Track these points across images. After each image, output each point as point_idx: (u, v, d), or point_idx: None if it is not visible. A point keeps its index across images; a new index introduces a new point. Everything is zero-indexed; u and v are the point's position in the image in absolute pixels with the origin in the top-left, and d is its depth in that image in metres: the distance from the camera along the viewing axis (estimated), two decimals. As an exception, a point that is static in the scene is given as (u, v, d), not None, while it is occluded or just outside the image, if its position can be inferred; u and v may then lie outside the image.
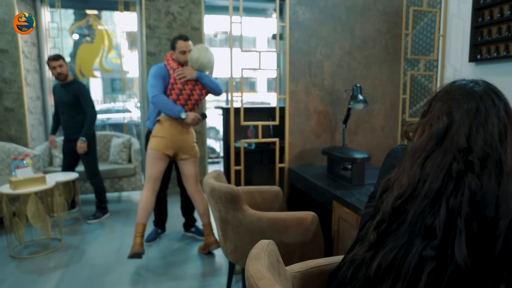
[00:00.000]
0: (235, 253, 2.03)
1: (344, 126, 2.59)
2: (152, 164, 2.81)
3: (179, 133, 2.82)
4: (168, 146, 2.80)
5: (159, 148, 2.78)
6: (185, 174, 2.95)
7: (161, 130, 2.79)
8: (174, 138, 2.80)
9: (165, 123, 2.79)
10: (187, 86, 2.83)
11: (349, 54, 2.74)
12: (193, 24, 4.43)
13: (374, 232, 0.97)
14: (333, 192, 2.02)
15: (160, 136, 2.79)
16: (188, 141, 2.88)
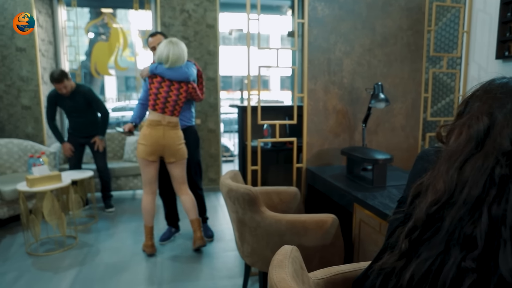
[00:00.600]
0: (252, 256, 1.98)
1: (364, 126, 2.51)
2: (142, 171, 2.87)
3: (161, 138, 2.76)
4: (149, 152, 2.77)
5: (142, 156, 2.79)
6: (172, 175, 2.93)
7: (142, 137, 2.78)
8: (155, 144, 2.75)
9: (146, 130, 2.77)
10: (162, 89, 2.77)
11: (370, 51, 2.65)
12: (208, 21, 4.39)
13: (406, 240, 0.91)
14: (354, 194, 1.96)
15: (141, 143, 2.79)
16: (172, 145, 2.80)
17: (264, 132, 3.10)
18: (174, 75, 2.76)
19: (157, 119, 2.75)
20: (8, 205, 3.37)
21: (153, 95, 2.77)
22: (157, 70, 2.77)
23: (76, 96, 3.66)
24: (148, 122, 2.77)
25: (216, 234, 3.32)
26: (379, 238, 1.72)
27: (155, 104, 2.76)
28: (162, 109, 2.76)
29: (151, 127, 2.75)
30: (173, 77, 2.76)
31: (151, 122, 2.75)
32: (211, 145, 4.59)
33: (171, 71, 2.75)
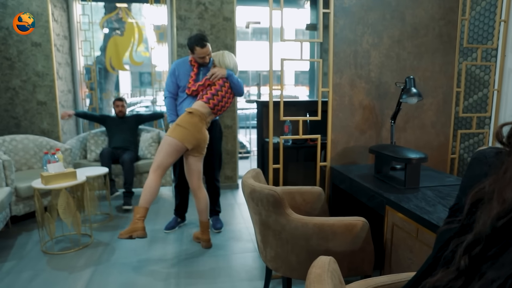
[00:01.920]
0: (276, 261, 1.86)
1: (392, 122, 2.36)
2: (169, 153, 2.68)
3: (202, 130, 2.77)
4: (191, 140, 2.72)
5: (182, 139, 2.68)
6: (192, 168, 2.87)
7: (187, 122, 2.71)
8: (197, 134, 2.74)
9: (193, 118, 2.73)
10: (224, 88, 2.88)
11: (399, 43, 2.49)
12: (225, 14, 4.26)
13: (465, 256, 0.77)
14: (386, 196, 1.81)
15: (186, 128, 2.69)
16: (205, 141, 2.83)
17: (285, 129, 2.97)
18: (239, 90, 2.98)
19: (206, 112, 2.77)
20: (24, 202, 3.33)
21: (213, 90, 2.83)
22: (233, 77, 2.92)
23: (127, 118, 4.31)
24: (197, 112, 2.73)
25: (233, 233, 3.22)
26: (415, 245, 1.58)
27: (210, 98, 2.81)
28: (213, 106, 2.81)
29: (199, 118, 2.73)
30: (237, 90, 2.97)
31: (202, 115, 2.74)
32: (227, 142, 4.48)
33: (239, 85, 2.96)
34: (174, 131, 2.69)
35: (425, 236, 1.51)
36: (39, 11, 3.92)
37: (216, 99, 2.83)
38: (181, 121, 2.72)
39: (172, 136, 2.67)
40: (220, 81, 2.88)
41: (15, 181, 3.28)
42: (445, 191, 1.88)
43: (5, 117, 3.99)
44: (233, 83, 2.92)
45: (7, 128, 4.00)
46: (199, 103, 2.80)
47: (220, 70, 2.89)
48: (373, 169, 2.31)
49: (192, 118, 2.72)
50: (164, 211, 3.81)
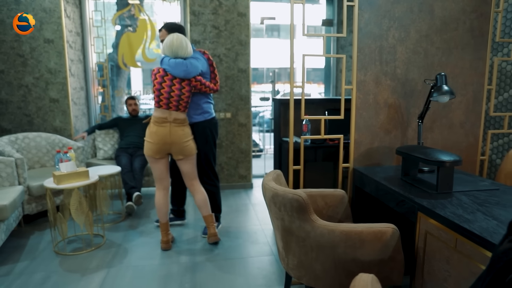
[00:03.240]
0: (299, 269, 1.75)
1: (420, 122, 2.22)
2: (152, 167, 2.82)
3: (167, 135, 2.68)
4: (156, 150, 2.71)
5: (148, 153, 2.74)
6: (182, 171, 2.88)
7: (149, 135, 2.72)
8: (161, 142, 2.68)
9: (152, 127, 2.69)
10: (165, 83, 2.69)
11: (427, 37, 2.35)
12: (239, 9, 4.15)
13: None
14: (418, 201, 1.69)
15: (148, 141, 2.73)
16: (179, 143, 2.71)
17: (304, 128, 2.85)
18: (174, 72, 2.68)
19: (163, 116, 2.68)
20: (36, 201, 3.29)
21: (156, 91, 2.69)
22: (161, 64, 2.71)
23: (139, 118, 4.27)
24: (154, 119, 2.67)
25: (249, 236, 3.12)
26: (453, 256, 1.45)
27: (159, 101, 2.68)
28: (167, 105, 2.67)
29: (158, 124, 2.66)
30: (173, 73, 2.69)
31: (157, 119, 2.67)
32: (241, 140, 4.38)
33: (172, 67, 2.67)
34: (144, 147, 2.76)
35: (465, 247, 1.38)
36: (51, 7, 3.87)
37: (155, 96, 2.69)
38: (146, 135, 2.74)
39: (145, 153, 2.78)
40: (155, 70, 2.74)
41: (28, 180, 3.23)
42: (481, 196, 1.75)
43: (18, 114, 3.96)
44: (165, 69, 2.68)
45: (20, 126, 3.97)
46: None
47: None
48: (399, 171, 2.19)
49: (151, 128, 2.70)
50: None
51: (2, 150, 3.21)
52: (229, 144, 4.38)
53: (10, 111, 3.93)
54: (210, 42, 4.17)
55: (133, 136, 4.03)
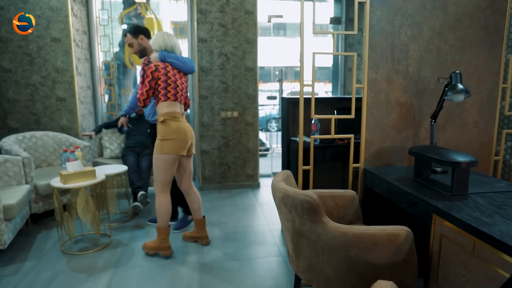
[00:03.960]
0: (310, 272, 1.71)
1: (433, 122, 2.17)
2: (168, 169, 2.62)
3: (189, 130, 2.65)
4: (184, 146, 2.61)
5: (177, 151, 2.58)
6: (187, 170, 2.82)
7: (173, 132, 2.56)
8: (187, 138, 2.62)
9: (173, 123, 2.56)
10: (178, 76, 2.64)
11: (440, 35, 2.29)
12: (246, 7, 4.11)
13: None
14: (433, 203, 1.64)
15: (175, 138, 2.57)
16: (193, 138, 2.71)
17: (312, 127, 2.81)
18: (186, 67, 2.68)
19: (180, 111, 2.63)
20: (44, 200, 3.28)
21: (173, 84, 2.58)
22: (169, 58, 2.62)
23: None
24: (174, 115, 2.58)
25: (256, 236, 3.08)
26: (471, 260, 1.40)
27: (176, 93, 2.60)
28: (181, 99, 2.65)
29: (176, 119, 2.58)
30: (184, 68, 2.68)
31: (177, 115, 2.60)
32: (248, 139, 4.34)
33: (182, 62, 2.66)
34: (166, 147, 2.56)
35: (484, 252, 1.33)
36: (58, 6, 3.85)
37: (172, 89, 2.58)
38: (167, 133, 2.56)
39: (167, 152, 2.57)
40: (161, 65, 2.58)
41: (35, 179, 3.22)
42: (498, 198, 1.70)
43: (25, 113, 3.96)
44: (172, 63, 2.61)
45: (27, 125, 3.96)
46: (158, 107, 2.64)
47: (153, 57, 2.64)
48: (412, 172, 2.14)
49: (172, 124, 2.56)
50: (184, 210, 3.70)
51: (9, 149, 3.21)
52: (236, 143, 4.34)
53: (17, 110, 3.93)
54: (217, 41, 4.14)
55: (140, 135, 4.02)
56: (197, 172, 4.58)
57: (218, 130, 4.30)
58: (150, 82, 2.52)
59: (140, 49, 2.98)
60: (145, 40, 2.97)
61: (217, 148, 4.33)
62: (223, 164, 4.36)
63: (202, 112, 4.25)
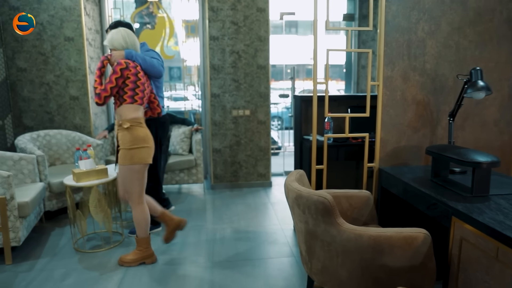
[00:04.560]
0: (323, 274, 1.67)
1: (451, 120, 2.10)
2: (141, 179, 2.46)
3: (148, 133, 2.49)
4: (152, 154, 2.48)
5: (147, 159, 2.43)
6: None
7: (143, 139, 2.40)
8: (153, 144, 2.50)
9: (142, 130, 2.41)
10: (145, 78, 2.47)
11: (459, 30, 2.22)
12: (258, 5, 4.07)
13: None
14: (452, 205, 1.58)
15: (146, 146, 2.42)
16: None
17: (326, 126, 2.76)
18: (153, 70, 2.56)
19: (143, 116, 2.48)
20: (57, 198, 3.30)
21: (142, 87, 2.40)
22: (137, 58, 2.45)
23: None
24: (140, 120, 2.41)
25: (268, 236, 3.05)
26: (494, 266, 1.34)
27: (143, 97, 2.43)
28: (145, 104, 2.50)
29: (143, 125, 2.43)
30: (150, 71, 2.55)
31: (142, 120, 2.43)
32: (260, 138, 4.31)
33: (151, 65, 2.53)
34: (138, 156, 2.38)
35: (508, 257, 1.27)
36: (71, 6, 3.88)
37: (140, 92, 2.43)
38: (138, 141, 2.38)
39: (140, 162, 2.40)
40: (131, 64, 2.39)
41: (48, 177, 3.25)
42: (521, 200, 1.63)
43: (39, 112, 4.00)
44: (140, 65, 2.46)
45: (41, 123, 4.01)
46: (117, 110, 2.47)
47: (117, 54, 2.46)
48: (429, 172, 2.07)
49: (141, 131, 2.41)
50: (196, 209, 3.70)
51: (24, 147, 3.24)
52: (248, 142, 4.31)
53: (32, 109, 3.97)
54: (228, 38, 4.11)
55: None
56: (208, 171, 4.56)
57: (230, 128, 4.27)
58: (118, 80, 2.32)
59: None
60: None
61: (228, 146, 4.30)
62: (234, 163, 4.34)
63: (214, 110, 4.23)
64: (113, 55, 2.45)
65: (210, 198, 4.06)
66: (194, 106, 4.78)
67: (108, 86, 2.32)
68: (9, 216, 2.53)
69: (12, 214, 2.54)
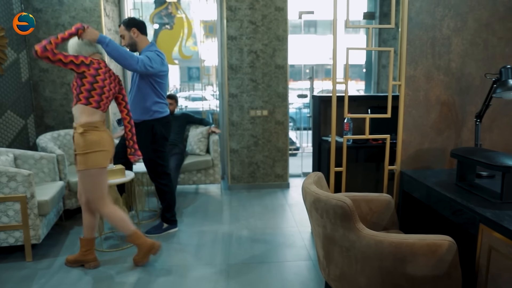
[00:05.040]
0: (341, 281, 1.61)
1: (478, 121, 2.00)
2: (101, 182, 2.39)
3: (111, 138, 2.44)
4: (108, 157, 2.41)
5: (103, 163, 2.36)
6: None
7: (99, 143, 2.32)
8: (110, 147, 2.40)
9: (95, 134, 2.31)
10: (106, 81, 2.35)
11: (487, 27, 2.11)
12: (277, 4, 4.02)
13: None
14: (480, 211, 1.49)
15: (104, 150, 2.34)
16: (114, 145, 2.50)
17: (345, 126, 2.69)
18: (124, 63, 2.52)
19: (101, 119, 2.38)
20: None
21: (99, 90, 2.30)
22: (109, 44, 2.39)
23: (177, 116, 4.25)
24: (94, 125, 2.32)
25: (285, 238, 3.00)
26: (525, 277, 1.25)
27: (100, 101, 2.32)
28: (105, 108, 2.40)
29: (99, 129, 2.34)
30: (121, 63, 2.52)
31: (97, 124, 2.34)
32: (278, 139, 4.26)
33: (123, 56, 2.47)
34: (94, 160, 2.31)
35: (542, 269, 1.18)
36: (91, 7, 3.93)
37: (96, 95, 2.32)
38: (95, 145, 2.31)
39: (97, 166, 2.33)
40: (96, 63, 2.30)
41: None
42: (556, 208, 1.52)
43: (60, 112, 4.07)
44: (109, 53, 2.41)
45: (62, 123, 4.08)
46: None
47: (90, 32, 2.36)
48: (453, 175, 1.98)
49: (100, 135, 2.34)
50: (213, 209, 3.68)
51: (45, 146, 3.30)
52: (266, 143, 4.27)
53: (53, 109, 4.05)
54: (246, 38, 4.08)
55: (176, 133, 4.03)
56: (225, 171, 4.55)
57: (248, 129, 4.24)
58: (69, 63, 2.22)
59: (130, 43, 2.86)
60: (137, 34, 2.85)
61: (246, 147, 4.27)
62: (252, 164, 4.31)
63: (231, 110, 4.20)
64: (88, 31, 2.35)
65: (227, 199, 4.03)
66: (212, 106, 4.78)
67: (61, 55, 2.19)
68: (30, 214, 2.57)
69: (33, 212, 2.58)
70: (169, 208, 3.10)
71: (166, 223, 3.11)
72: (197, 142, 4.16)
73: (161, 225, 3.11)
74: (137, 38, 2.87)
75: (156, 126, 2.89)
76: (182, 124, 4.20)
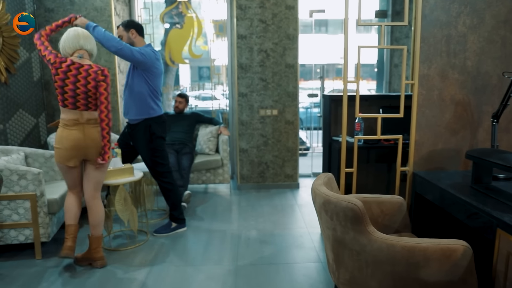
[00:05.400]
0: (351, 285, 1.57)
1: (495, 122, 1.93)
2: (63, 176, 2.52)
3: (85, 138, 2.38)
4: (68, 156, 2.38)
5: (61, 160, 2.40)
6: (91, 179, 2.52)
7: (58, 140, 2.38)
8: (77, 147, 2.37)
9: (61, 131, 2.37)
10: (68, 80, 2.32)
11: (505, 23, 2.04)
12: (287, 2, 3.98)
13: None
14: (497, 215, 1.44)
15: (58, 147, 2.38)
16: (98, 144, 2.43)
17: (356, 126, 2.64)
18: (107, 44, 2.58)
19: (73, 118, 2.37)
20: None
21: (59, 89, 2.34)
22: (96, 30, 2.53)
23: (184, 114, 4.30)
24: (65, 122, 2.37)
25: (295, 239, 2.96)
26: (546, 285, 1.20)
27: (64, 100, 2.35)
28: (82, 107, 2.37)
29: (69, 127, 2.36)
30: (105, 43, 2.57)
31: (69, 122, 2.37)
32: (288, 138, 4.22)
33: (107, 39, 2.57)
34: (55, 154, 2.43)
35: None
36: (102, 6, 3.95)
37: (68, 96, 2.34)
38: (55, 140, 2.41)
39: (56, 161, 2.44)
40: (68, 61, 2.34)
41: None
42: None
43: (71, 110, 4.10)
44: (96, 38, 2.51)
45: (73, 122, 4.11)
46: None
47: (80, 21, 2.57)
48: (468, 177, 1.92)
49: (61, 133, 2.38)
50: (222, 209, 3.67)
51: (55, 145, 3.32)
52: (275, 142, 4.24)
53: (64, 107, 4.08)
54: (256, 37, 4.05)
55: (178, 132, 4.03)
56: (235, 171, 4.53)
57: (257, 128, 4.21)
58: (46, 56, 2.33)
59: (128, 43, 2.85)
60: (135, 35, 2.90)
61: (255, 146, 4.24)
62: (261, 163, 4.28)
63: (241, 110, 4.18)
64: (79, 19, 2.56)
65: (236, 198, 4.01)
66: (222, 105, 4.76)
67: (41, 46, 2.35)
68: (39, 212, 2.58)
69: (42, 210, 2.59)
70: (175, 206, 3.09)
71: (174, 222, 3.11)
72: (206, 141, 4.14)
73: (169, 225, 3.11)
74: (135, 39, 2.92)
75: (153, 126, 2.90)
76: (191, 123, 4.20)
